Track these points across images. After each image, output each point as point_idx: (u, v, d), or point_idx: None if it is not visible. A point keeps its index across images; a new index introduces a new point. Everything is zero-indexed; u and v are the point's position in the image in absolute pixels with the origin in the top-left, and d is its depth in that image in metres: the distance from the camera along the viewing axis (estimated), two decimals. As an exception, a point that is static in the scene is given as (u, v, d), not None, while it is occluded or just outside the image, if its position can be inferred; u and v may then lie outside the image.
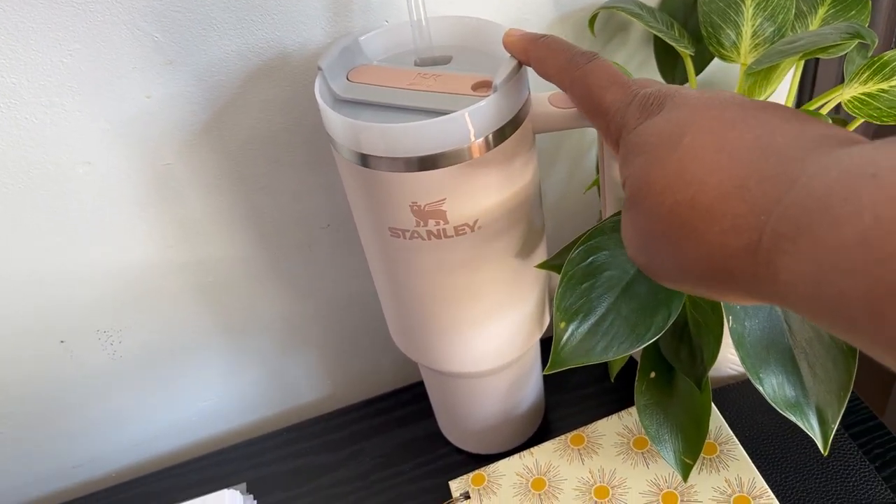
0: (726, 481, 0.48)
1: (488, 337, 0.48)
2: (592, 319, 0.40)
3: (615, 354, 0.39)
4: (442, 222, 0.42)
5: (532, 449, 0.53)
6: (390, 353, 0.67)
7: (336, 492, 0.60)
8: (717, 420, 0.51)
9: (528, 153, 0.43)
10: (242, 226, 0.55)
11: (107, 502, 0.62)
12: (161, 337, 0.59)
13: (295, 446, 0.64)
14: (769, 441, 0.52)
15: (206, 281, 0.57)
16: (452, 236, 0.42)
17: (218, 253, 0.55)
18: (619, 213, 0.45)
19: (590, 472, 0.51)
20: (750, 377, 0.40)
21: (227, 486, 0.60)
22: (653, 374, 0.48)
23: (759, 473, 0.47)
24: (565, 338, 0.39)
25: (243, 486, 0.60)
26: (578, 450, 0.52)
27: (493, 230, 0.43)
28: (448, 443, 0.61)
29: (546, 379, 0.62)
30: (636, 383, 0.47)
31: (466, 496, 0.52)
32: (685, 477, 0.47)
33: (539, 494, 0.50)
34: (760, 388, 0.40)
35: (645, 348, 0.48)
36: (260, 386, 0.66)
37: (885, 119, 0.42)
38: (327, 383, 0.68)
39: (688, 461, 0.46)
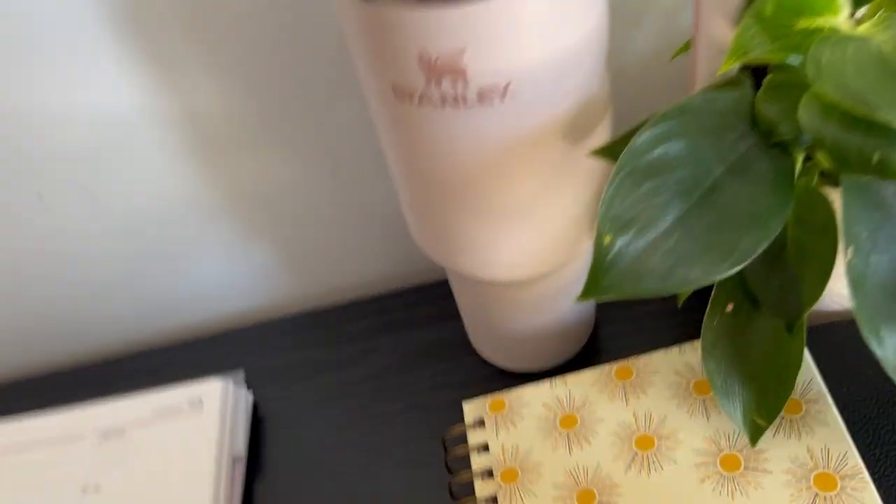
0: (808, 451, 0.37)
1: (524, 239, 0.38)
2: (651, 235, 0.29)
3: (678, 285, 0.28)
4: (460, 83, 0.31)
5: (567, 377, 0.43)
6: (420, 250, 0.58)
7: (342, 392, 0.52)
8: (807, 371, 0.39)
9: (588, 2, 0.31)
10: (244, 79, 0.45)
11: (90, 379, 0.56)
12: (150, 202, 0.51)
13: (302, 337, 0.56)
14: (876, 406, 0.41)
15: (204, 136, 0.48)
16: (474, 105, 0.31)
17: (214, 108, 0.46)
18: (711, 89, 0.33)
19: (633, 416, 0.40)
20: (865, 334, 0.28)
21: (224, 373, 0.53)
22: (729, 307, 0.37)
23: (853, 446, 0.36)
24: (611, 256, 0.28)
25: (241, 375, 0.53)
26: (623, 385, 0.42)
27: (532, 98, 0.32)
28: (475, 352, 0.52)
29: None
30: (706, 317, 0.37)
31: (480, 423, 0.43)
32: (754, 441, 0.36)
33: (567, 434, 0.41)
34: (878, 352, 0.28)
35: (724, 272, 0.37)
36: (268, 267, 0.58)
37: None
38: (347, 270, 0.59)
39: (760, 422, 0.36)
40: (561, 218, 0.37)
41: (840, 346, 0.43)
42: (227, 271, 0.58)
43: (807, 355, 0.40)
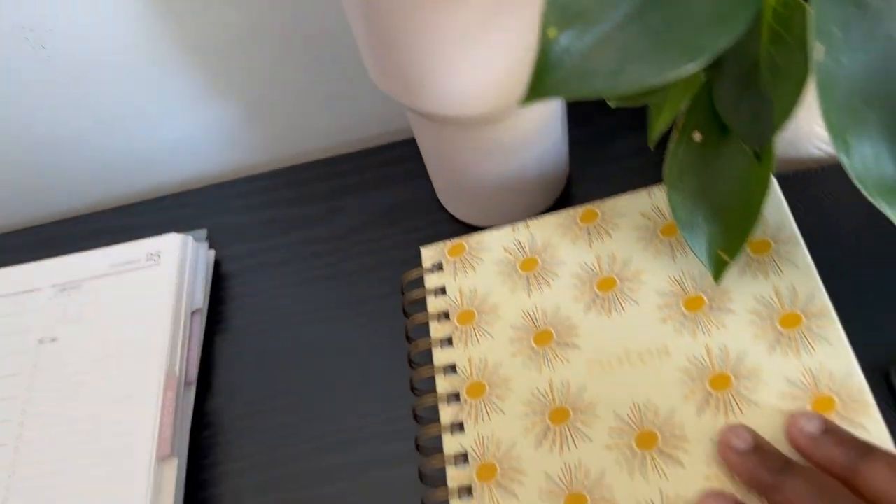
0: (775, 291, 0.35)
1: (478, 69, 0.35)
2: (602, 29, 0.26)
3: (629, 84, 0.26)
4: None
5: (530, 221, 0.41)
6: (388, 108, 0.55)
7: (308, 249, 0.51)
8: (779, 211, 0.37)
9: None
10: None
11: (50, 238, 0.55)
12: (102, 43, 0.48)
13: (267, 196, 0.54)
14: (848, 249, 0.39)
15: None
16: None
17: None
18: None
19: (596, 258, 0.39)
20: (832, 140, 0.26)
21: (186, 231, 0.51)
22: (697, 136, 0.35)
23: (822, 287, 0.35)
24: (556, 53, 0.26)
25: (203, 232, 0.51)
26: (588, 228, 0.40)
27: None
28: (443, 209, 0.50)
29: (573, 145, 0.49)
30: (672, 147, 0.35)
31: (439, 267, 0.42)
32: (717, 277, 0.35)
33: (527, 277, 0.39)
34: (844, 159, 0.27)
35: (693, 98, 0.35)
36: (231, 122, 0.55)
37: None
38: (313, 128, 0.57)
39: (724, 257, 0.34)
40: (515, 46, 0.35)
41: (817, 189, 0.41)
42: (190, 129, 0.55)
43: (779, 195, 0.38)
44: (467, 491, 0.35)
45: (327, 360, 0.45)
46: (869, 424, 0.31)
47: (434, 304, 0.41)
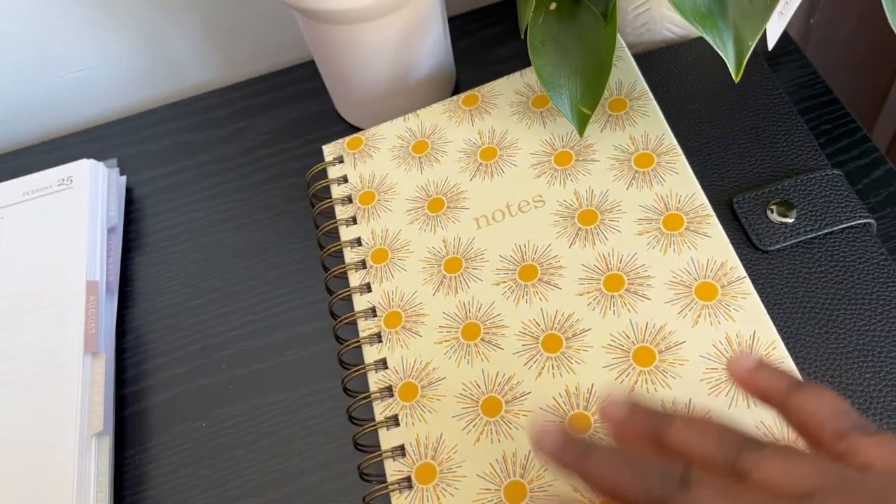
0: (631, 139, 0.40)
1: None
2: None
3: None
4: None
5: (419, 111, 0.45)
6: (286, 30, 0.58)
7: (215, 168, 0.53)
8: (631, 73, 0.42)
9: None
10: None
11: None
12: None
13: (174, 123, 0.56)
14: (698, 106, 0.44)
15: None
16: None
17: None
18: None
19: (479, 134, 0.43)
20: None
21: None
22: (553, 5, 0.39)
23: (669, 131, 0.40)
24: None
25: (113, 160, 0.53)
26: (470, 110, 0.44)
27: None
28: (343, 120, 0.54)
29: (459, 54, 0.54)
30: (532, 18, 0.39)
31: (340, 160, 0.45)
32: (581, 130, 0.39)
33: (419, 158, 0.44)
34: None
35: (547, -26, 0.39)
36: (137, 55, 0.57)
37: None
38: (216, 61, 0.59)
39: (585, 111, 0.39)
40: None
41: (668, 62, 0.46)
42: (92, 67, 0.57)
43: (631, 59, 0.43)
44: (377, 338, 0.39)
45: (242, 262, 0.48)
46: (710, 232, 0.36)
47: (337, 191, 0.44)
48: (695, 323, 0.35)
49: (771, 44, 0.45)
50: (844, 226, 0.38)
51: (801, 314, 0.37)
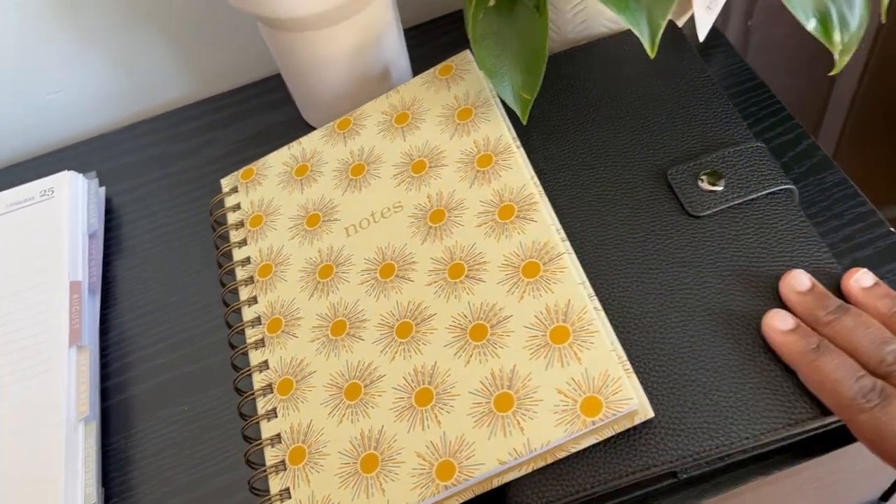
0: (475, 143, 0.45)
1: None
2: None
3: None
4: None
5: (301, 139, 0.50)
6: (253, 47, 0.62)
7: (188, 176, 0.57)
8: (477, 84, 0.47)
9: None
10: None
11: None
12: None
13: (148, 138, 0.60)
14: (633, 89, 0.48)
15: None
16: None
17: None
18: None
19: (350, 153, 0.48)
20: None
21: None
22: (491, 2, 0.43)
23: (507, 130, 0.45)
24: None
25: (93, 173, 0.56)
26: (344, 133, 0.49)
27: None
28: (309, 126, 0.57)
29: (417, 60, 0.57)
30: (472, 14, 0.43)
31: (234, 190, 0.50)
32: (524, 116, 0.43)
33: (301, 180, 0.48)
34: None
35: (485, -26, 0.43)
36: (111, 75, 0.60)
37: None
38: (186, 78, 0.63)
39: (526, 96, 0.42)
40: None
41: (610, 58, 0.50)
42: (70, 88, 0.60)
43: (478, 72, 0.47)
44: (261, 343, 0.44)
45: (213, 261, 0.51)
46: (536, 217, 0.41)
47: (232, 217, 0.49)
48: (521, 298, 0.39)
49: (701, 36, 0.49)
50: (767, 191, 0.42)
51: (731, 272, 0.40)
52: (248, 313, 0.45)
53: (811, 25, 0.34)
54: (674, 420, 0.37)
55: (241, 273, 0.47)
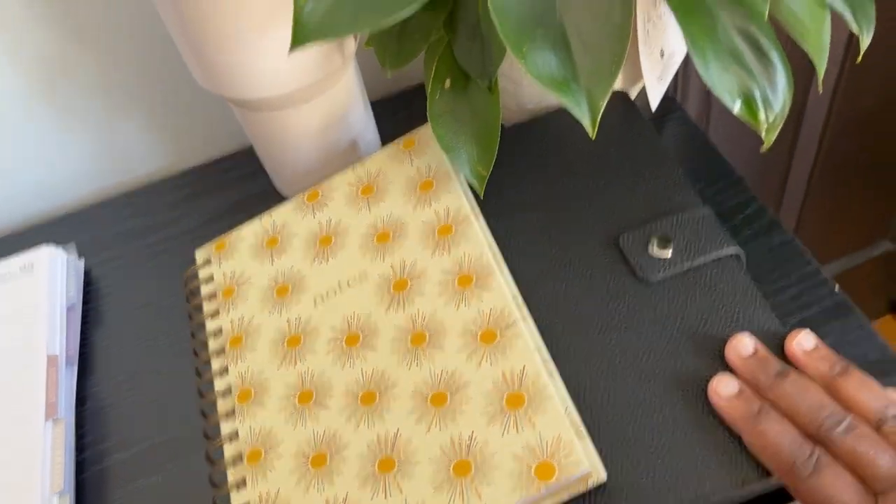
0: (436, 213, 0.47)
1: (277, 56, 0.45)
2: (338, -9, 0.36)
3: (361, 27, 0.36)
4: None
5: (272, 210, 0.52)
6: (227, 121, 0.64)
7: (165, 247, 0.58)
8: (437, 156, 0.49)
9: None
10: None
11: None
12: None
13: (126, 210, 0.62)
14: (586, 158, 0.50)
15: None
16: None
17: None
18: None
19: (318, 224, 0.50)
20: (512, 53, 0.37)
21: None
22: (447, 82, 0.45)
23: (467, 202, 0.46)
24: (306, 14, 0.36)
25: (72, 245, 0.58)
26: (312, 205, 0.51)
27: None
28: (281, 196, 0.59)
29: (387, 130, 0.59)
30: (429, 94, 0.45)
31: (208, 262, 0.52)
32: (481, 189, 0.45)
33: (271, 251, 0.50)
34: (524, 65, 0.37)
35: (440, 56, 0.45)
36: (89, 151, 0.63)
37: None
38: (163, 151, 0.65)
39: (482, 171, 0.45)
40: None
41: (564, 128, 0.52)
42: (49, 165, 0.62)
43: (437, 146, 0.48)
44: (232, 413, 0.45)
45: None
46: (493, 284, 0.43)
47: (205, 290, 0.51)
48: (479, 366, 0.41)
49: (653, 105, 0.51)
50: (715, 257, 0.44)
51: (680, 336, 0.42)
52: (219, 383, 0.46)
53: (737, 108, 0.36)
54: (627, 482, 0.38)
55: (213, 344, 0.48)
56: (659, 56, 0.51)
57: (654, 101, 0.51)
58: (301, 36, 0.36)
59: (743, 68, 0.36)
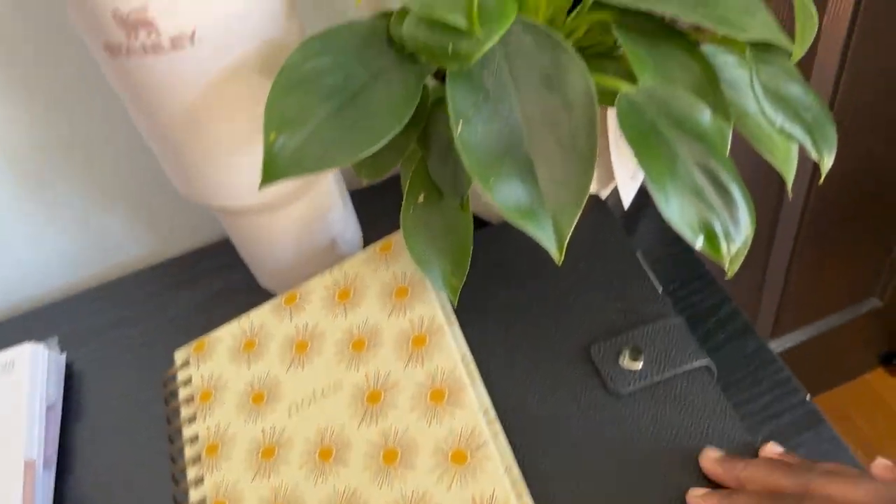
0: (410, 322, 0.47)
1: (255, 167, 0.46)
2: (308, 129, 0.37)
3: (334, 163, 0.37)
4: (153, 33, 0.38)
5: (250, 312, 0.53)
6: (209, 213, 0.65)
7: (147, 340, 0.59)
8: (410, 265, 0.50)
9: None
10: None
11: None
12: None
13: (109, 300, 0.62)
14: (557, 265, 0.51)
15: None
16: (170, 51, 0.39)
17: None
18: (379, 16, 0.42)
19: (296, 328, 0.50)
20: (481, 185, 0.38)
21: (38, 340, 0.58)
22: (421, 197, 0.46)
23: (440, 311, 0.47)
24: (276, 149, 0.37)
25: (55, 339, 0.58)
26: (290, 308, 0.51)
27: (220, 41, 0.40)
28: (263, 289, 0.60)
29: (366, 218, 0.60)
30: (403, 208, 0.46)
31: (187, 363, 0.52)
32: (455, 298, 0.45)
33: (248, 355, 0.51)
34: (491, 196, 0.38)
35: (415, 170, 0.46)
36: (72, 241, 0.63)
37: None
38: (145, 241, 0.66)
39: (455, 283, 0.45)
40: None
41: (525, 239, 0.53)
42: (34, 256, 0.63)
43: (409, 255, 0.49)
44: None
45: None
46: (465, 401, 0.43)
47: (183, 393, 0.51)
48: (449, 488, 0.41)
49: (626, 204, 0.52)
50: (685, 369, 0.44)
51: (651, 449, 0.42)
52: (194, 494, 0.47)
53: (699, 244, 0.37)
54: None
55: (189, 451, 0.49)
56: (630, 156, 0.51)
57: (627, 200, 0.52)
58: (272, 173, 0.37)
59: (703, 203, 0.37)
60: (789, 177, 0.46)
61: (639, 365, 0.45)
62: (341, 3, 0.57)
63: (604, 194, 0.55)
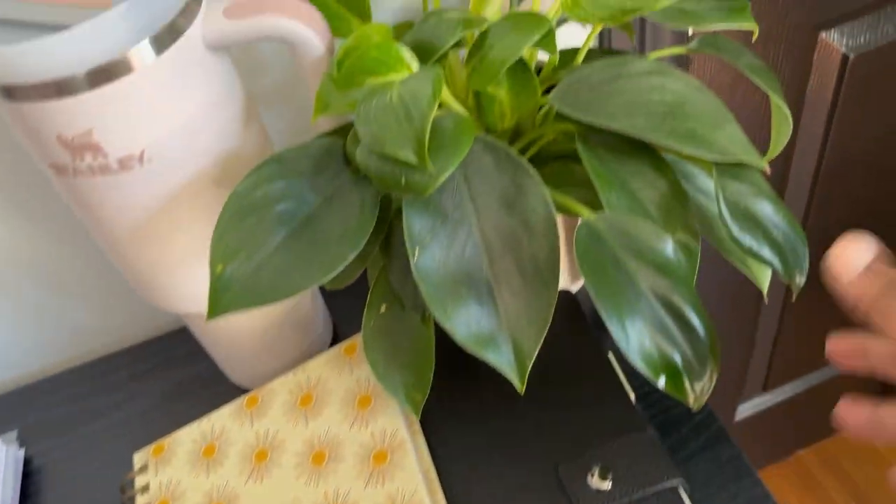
0: (372, 435, 0.46)
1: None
2: (258, 258, 0.36)
3: (286, 293, 0.36)
4: (100, 156, 0.37)
5: (211, 415, 0.51)
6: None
7: (109, 434, 0.57)
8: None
9: (208, 70, 0.38)
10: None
11: None
12: None
13: (72, 389, 0.60)
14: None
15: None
16: (120, 172, 0.38)
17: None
18: (326, 134, 0.41)
19: (255, 435, 0.48)
20: (435, 313, 0.36)
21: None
22: (383, 307, 0.45)
23: (403, 428, 0.46)
24: (223, 281, 0.35)
25: (13, 433, 0.57)
26: (251, 412, 0.50)
27: (169, 159, 0.39)
28: (227, 379, 0.58)
29: (342, 308, 0.59)
30: (364, 319, 0.44)
31: (145, 468, 0.50)
32: (417, 413, 0.44)
33: (207, 462, 0.49)
34: (446, 324, 0.36)
35: (377, 280, 0.45)
36: (33, 327, 0.62)
37: (590, 20, 0.38)
38: (108, 328, 0.64)
39: (417, 397, 0.44)
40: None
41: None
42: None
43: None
44: None
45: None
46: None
47: (140, 500, 0.49)
48: None
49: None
50: (655, 489, 0.43)
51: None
52: None
53: (661, 383, 0.35)
54: None
55: None
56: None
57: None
58: (217, 307, 0.35)
59: (666, 339, 0.35)
60: (764, 285, 0.45)
61: (607, 485, 0.43)
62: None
63: (574, 288, 0.54)
